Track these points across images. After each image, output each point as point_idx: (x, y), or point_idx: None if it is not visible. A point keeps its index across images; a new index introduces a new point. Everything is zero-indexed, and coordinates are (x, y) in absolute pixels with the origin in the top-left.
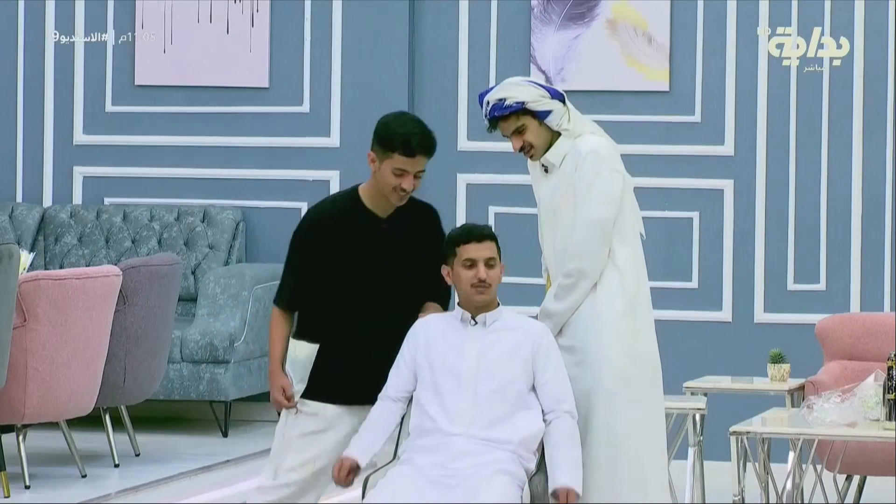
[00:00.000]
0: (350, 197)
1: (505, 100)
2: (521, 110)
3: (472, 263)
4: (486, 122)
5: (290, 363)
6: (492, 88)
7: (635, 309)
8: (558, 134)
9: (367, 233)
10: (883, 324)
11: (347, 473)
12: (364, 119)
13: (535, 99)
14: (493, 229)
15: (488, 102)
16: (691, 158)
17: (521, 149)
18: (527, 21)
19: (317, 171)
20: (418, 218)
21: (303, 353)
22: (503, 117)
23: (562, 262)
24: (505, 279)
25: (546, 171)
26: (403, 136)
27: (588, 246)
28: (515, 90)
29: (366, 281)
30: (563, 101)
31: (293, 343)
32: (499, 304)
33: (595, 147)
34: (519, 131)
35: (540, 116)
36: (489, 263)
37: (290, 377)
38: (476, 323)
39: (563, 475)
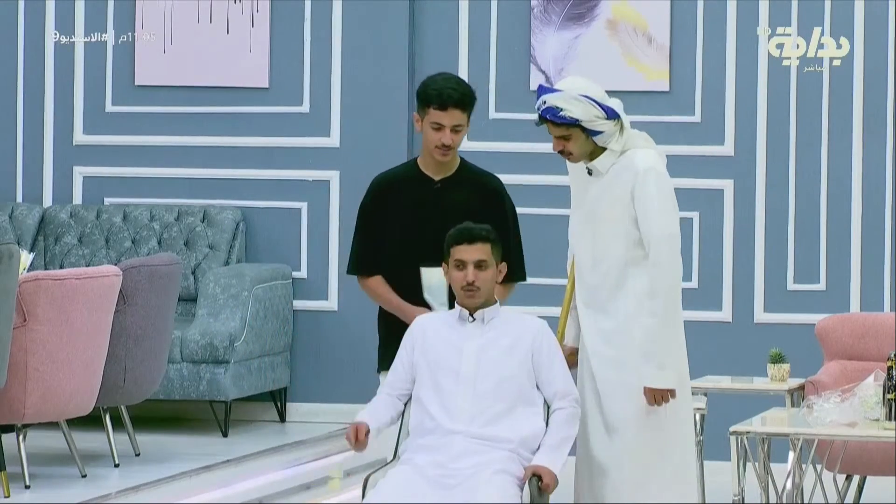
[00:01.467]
0: (408, 164)
1: (561, 110)
2: (572, 124)
3: (461, 265)
4: (537, 116)
5: (427, 291)
6: (554, 89)
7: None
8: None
9: (420, 192)
10: (883, 324)
11: (366, 435)
12: (364, 119)
13: (591, 119)
14: (490, 229)
15: (545, 102)
16: (691, 158)
17: (561, 151)
18: (527, 21)
19: (317, 171)
20: (479, 186)
21: (436, 279)
22: (554, 122)
23: (599, 271)
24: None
25: (590, 173)
26: (436, 91)
27: (669, 260)
28: (574, 106)
29: (421, 241)
30: (618, 118)
31: (425, 272)
32: (497, 301)
33: (653, 164)
34: (564, 138)
35: (589, 133)
36: (480, 266)
37: (431, 304)
38: (474, 319)
39: (541, 456)
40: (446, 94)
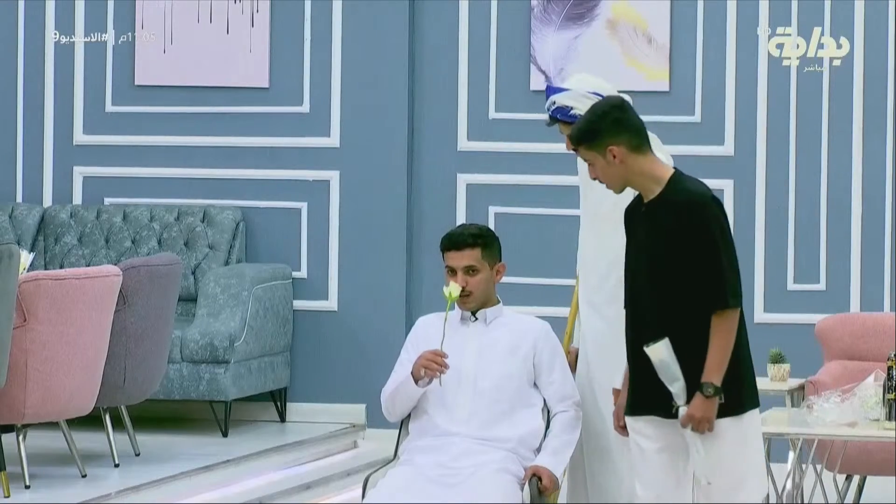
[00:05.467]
0: None
1: (571, 109)
2: None
3: (452, 272)
4: (548, 117)
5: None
6: (561, 89)
7: None
8: None
9: None
10: (883, 324)
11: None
12: (364, 119)
13: None
14: (480, 231)
15: (554, 102)
16: (691, 158)
17: (574, 149)
18: (527, 21)
19: (317, 171)
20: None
21: (663, 355)
22: (564, 121)
23: (598, 271)
24: (504, 279)
25: None
26: None
27: None
28: (584, 104)
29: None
30: None
31: (649, 350)
32: (499, 301)
33: None
34: None
35: None
36: (469, 271)
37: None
38: (476, 319)
39: (543, 457)
40: None
